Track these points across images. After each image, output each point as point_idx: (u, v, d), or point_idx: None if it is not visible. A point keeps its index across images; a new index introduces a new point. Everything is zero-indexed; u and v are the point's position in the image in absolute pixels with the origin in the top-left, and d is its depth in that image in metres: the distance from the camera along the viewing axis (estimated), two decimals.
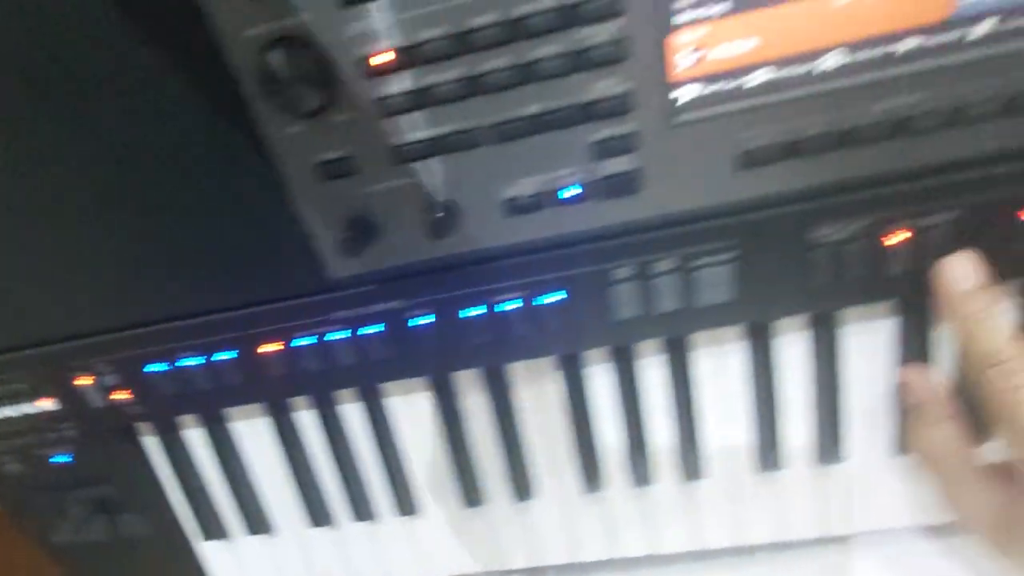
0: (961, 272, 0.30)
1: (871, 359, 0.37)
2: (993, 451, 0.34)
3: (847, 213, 0.31)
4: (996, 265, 0.31)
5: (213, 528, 0.47)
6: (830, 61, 0.28)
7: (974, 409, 0.35)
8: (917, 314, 0.35)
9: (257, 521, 0.46)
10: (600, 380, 0.39)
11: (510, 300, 0.34)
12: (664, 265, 0.33)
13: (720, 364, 0.38)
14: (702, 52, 0.28)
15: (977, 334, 0.29)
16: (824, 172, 0.30)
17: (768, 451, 0.40)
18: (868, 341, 0.36)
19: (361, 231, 0.32)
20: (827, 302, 0.34)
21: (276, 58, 0.28)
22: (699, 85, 0.29)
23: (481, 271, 0.34)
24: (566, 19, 0.27)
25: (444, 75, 0.28)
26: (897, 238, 0.31)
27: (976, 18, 0.27)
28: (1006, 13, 0.26)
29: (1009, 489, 0.31)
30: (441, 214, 0.31)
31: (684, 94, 0.29)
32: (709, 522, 0.42)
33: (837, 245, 0.31)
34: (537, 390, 0.40)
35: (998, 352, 0.28)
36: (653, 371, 0.39)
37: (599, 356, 0.39)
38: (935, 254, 0.31)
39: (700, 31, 0.27)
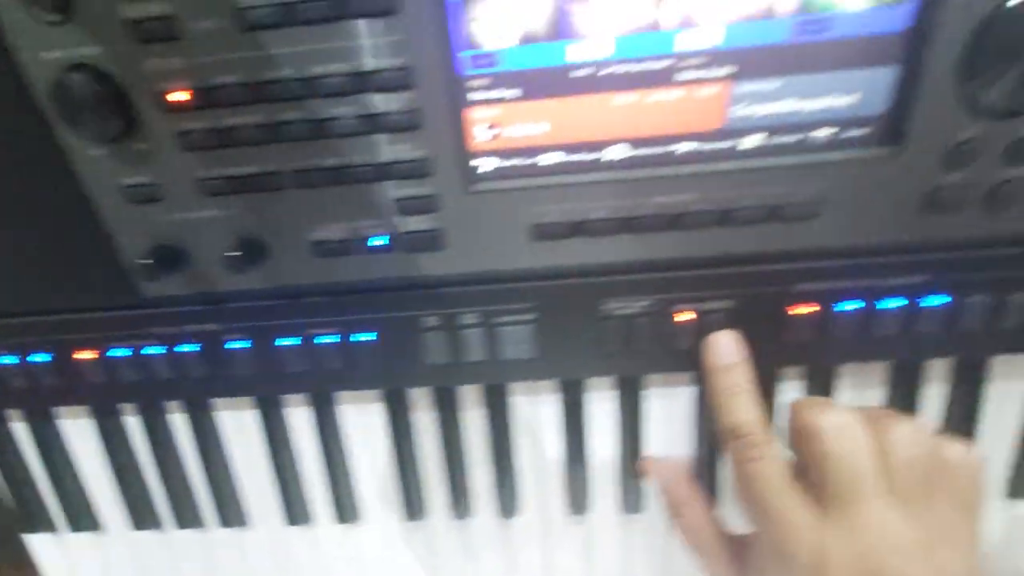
0: (723, 348, 0.33)
1: (670, 422, 0.39)
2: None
3: (634, 291, 0.33)
4: (769, 352, 0.34)
5: (38, 521, 0.46)
6: (614, 153, 0.30)
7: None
8: None
9: (82, 518, 0.46)
10: (422, 417, 0.41)
11: (326, 335, 0.35)
12: (469, 319, 0.34)
13: (535, 413, 0.40)
14: (497, 130, 0.30)
15: (728, 407, 0.31)
16: (611, 252, 0.32)
17: (578, 496, 0.42)
18: (668, 406, 0.39)
19: (166, 256, 0.32)
20: (623, 368, 0.36)
21: (74, 82, 0.27)
22: (496, 159, 0.30)
23: (297, 305, 0.35)
24: (358, 84, 0.28)
25: (241, 119, 0.29)
26: (684, 317, 0.33)
27: (746, 131, 0.29)
28: (772, 130, 0.29)
29: (748, 555, 0.33)
30: (241, 252, 0.31)
31: (482, 165, 0.30)
32: (521, 557, 0.44)
33: (627, 318, 0.34)
34: (365, 420, 0.41)
35: (742, 426, 0.30)
36: (472, 412, 0.40)
37: (422, 395, 0.40)
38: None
39: (494, 111, 0.29)
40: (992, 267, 0.31)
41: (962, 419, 0.38)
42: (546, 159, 0.30)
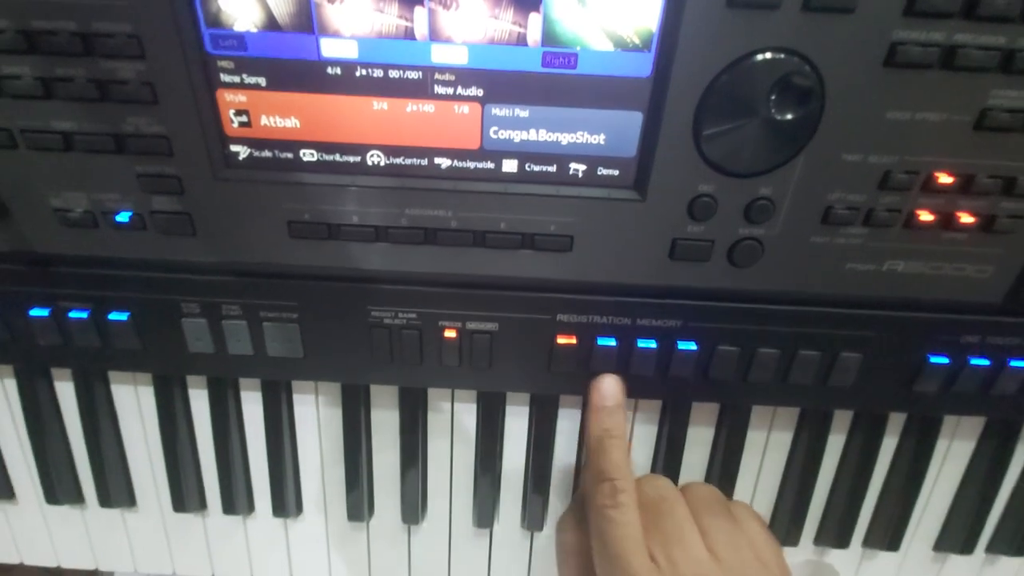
0: (605, 390, 0.33)
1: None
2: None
3: (401, 302, 0.32)
4: (542, 381, 0.34)
5: None
6: (372, 159, 0.29)
7: None
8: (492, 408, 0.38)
9: None
10: (198, 406, 0.39)
11: (78, 310, 0.33)
12: (231, 311, 0.33)
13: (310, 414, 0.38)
14: (246, 117, 0.28)
15: (600, 449, 0.31)
16: (374, 260, 0.31)
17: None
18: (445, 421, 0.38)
19: None
20: (398, 378, 0.35)
21: None
22: (250, 148, 0.29)
23: (48, 274, 0.32)
24: (86, 46, 0.26)
25: None
26: (451, 334, 0.33)
27: (502, 155, 0.28)
28: (527, 158, 0.28)
29: None
30: None
31: (237, 152, 0.29)
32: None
33: (394, 329, 0.33)
34: (136, 403, 0.39)
35: (610, 471, 0.30)
36: (252, 407, 0.38)
37: (198, 383, 0.38)
38: (483, 354, 0.33)
39: (242, 97, 0.27)
40: (738, 320, 0.32)
41: (723, 463, 0.39)
42: (300, 156, 0.29)
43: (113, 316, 0.33)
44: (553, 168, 0.28)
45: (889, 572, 0.42)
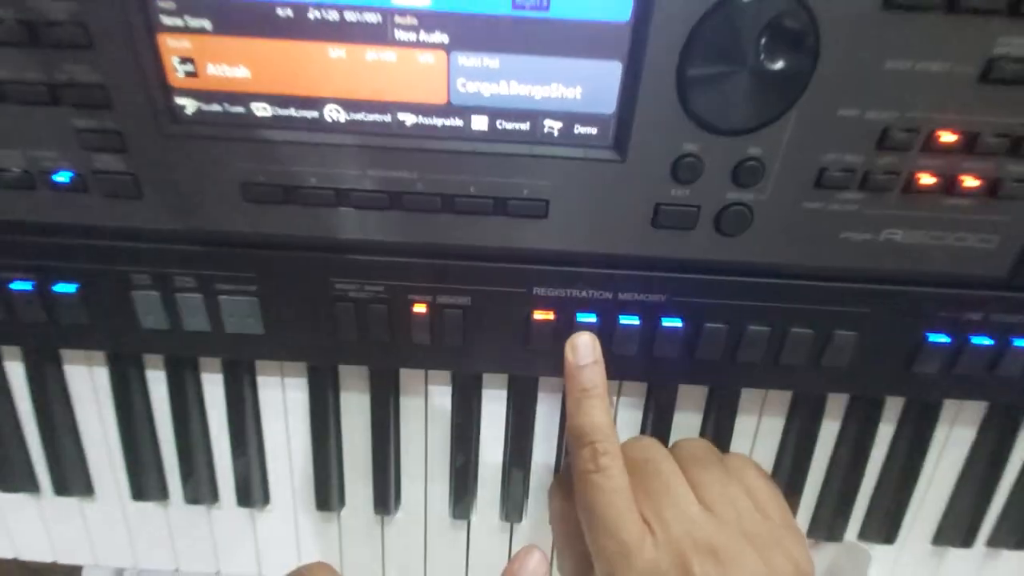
0: (581, 349, 0.30)
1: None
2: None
3: (366, 274, 0.30)
4: (518, 360, 0.32)
5: None
6: (331, 114, 0.27)
7: None
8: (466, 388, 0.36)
9: None
10: (156, 387, 0.36)
11: (21, 281, 0.31)
12: (184, 282, 0.30)
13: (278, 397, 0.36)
14: (192, 66, 0.26)
15: (580, 408, 0.29)
16: (336, 227, 0.29)
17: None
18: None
19: None
20: (365, 358, 0.33)
21: None
22: (198, 100, 0.27)
23: None
24: None
25: None
26: (420, 309, 0.31)
27: (471, 111, 0.26)
28: (498, 114, 0.26)
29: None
30: None
31: (183, 106, 0.27)
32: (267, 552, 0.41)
33: (360, 303, 0.30)
34: (91, 384, 0.36)
35: (592, 431, 0.28)
36: (212, 388, 0.36)
37: (156, 363, 0.36)
38: (456, 331, 0.31)
39: (185, 42, 0.25)
40: (726, 294, 0.30)
41: (718, 442, 0.36)
42: (253, 110, 0.26)
43: (59, 288, 0.31)
44: (526, 126, 0.26)
45: (886, 566, 0.40)
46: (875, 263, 0.29)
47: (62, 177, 0.28)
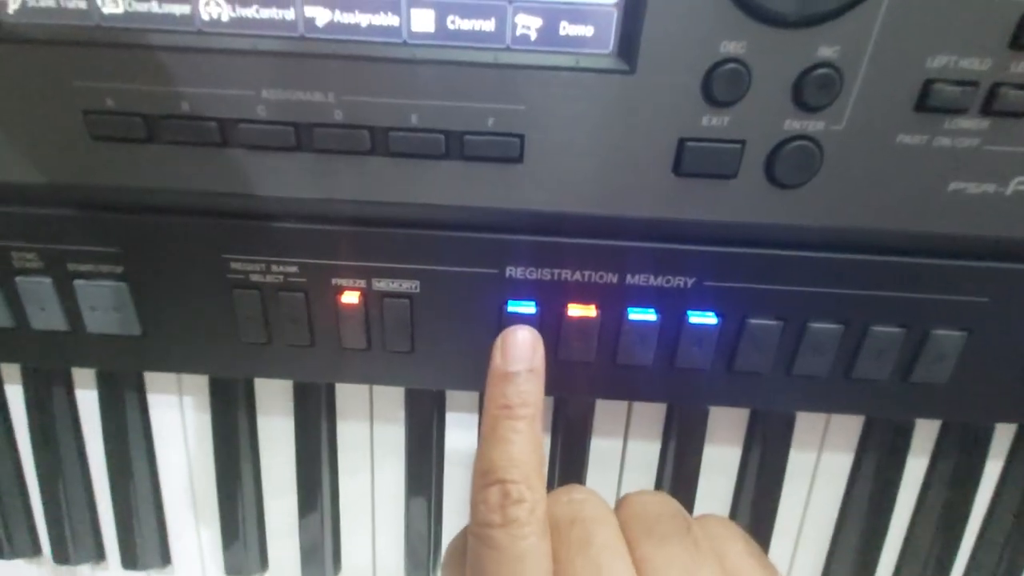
0: (513, 347, 0.21)
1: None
2: None
3: (271, 249, 0.21)
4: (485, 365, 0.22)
5: None
6: (204, 6, 0.18)
7: None
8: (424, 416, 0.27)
9: None
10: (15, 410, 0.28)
11: None
12: (26, 260, 0.22)
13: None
14: None
15: (496, 433, 0.20)
16: (221, 179, 0.20)
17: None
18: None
19: None
20: (262, 367, 0.24)
21: None
22: None
23: None
24: None
25: None
26: (349, 298, 0.22)
27: (411, 3, 0.18)
28: (444, 8, 0.18)
29: None
30: None
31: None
32: None
33: (263, 289, 0.22)
34: None
35: (507, 467, 0.19)
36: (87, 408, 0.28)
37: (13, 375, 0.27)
38: (401, 329, 0.22)
39: None
40: (780, 277, 0.21)
41: (757, 493, 0.28)
42: (106, 3, 0.19)
43: None
44: (490, 24, 0.18)
45: None
46: (999, 228, 0.20)
47: None
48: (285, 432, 0.28)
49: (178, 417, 0.28)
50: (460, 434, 0.27)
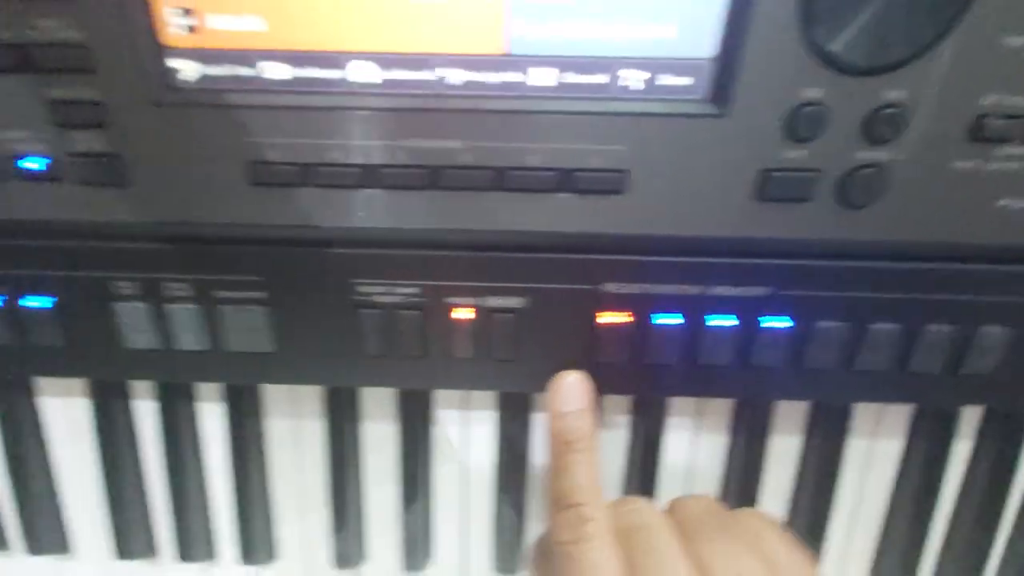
0: (564, 391, 0.26)
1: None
2: None
3: (396, 273, 0.25)
4: (592, 369, 0.26)
5: None
6: (360, 73, 0.22)
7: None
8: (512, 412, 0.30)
9: None
10: (145, 422, 0.31)
11: None
12: (178, 290, 0.25)
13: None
14: (195, 19, 0.21)
15: (562, 468, 0.24)
16: (355, 215, 0.23)
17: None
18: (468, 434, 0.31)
19: None
20: (393, 378, 0.27)
21: None
22: (198, 61, 0.21)
23: None
24: None
25: None
26: (462, 315, 0.25)
27: (531, 63, 0.21)
28: (565, 65, 0.21)
29: None
30: None
31: (181, 68, 0.22)
32: None
33: (388, 309, 0.25)
34: (69, 418, 0.31)
35: (574, 492, 0.24)
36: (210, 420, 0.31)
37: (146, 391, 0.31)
38: (506, 343, 0.26)
39: None
40: (847, 284, 0.24)
41: (817, 479, 0.31)
42: (264, 70, 0.22)
43: (31, 302, 0.26)
44: (601, 78, 0.21)
45: None
46: None
47: (34, 163, 0.22)
48: (388, 434, 0.31)
49: (291, 423, 0.31)
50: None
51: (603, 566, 0.22)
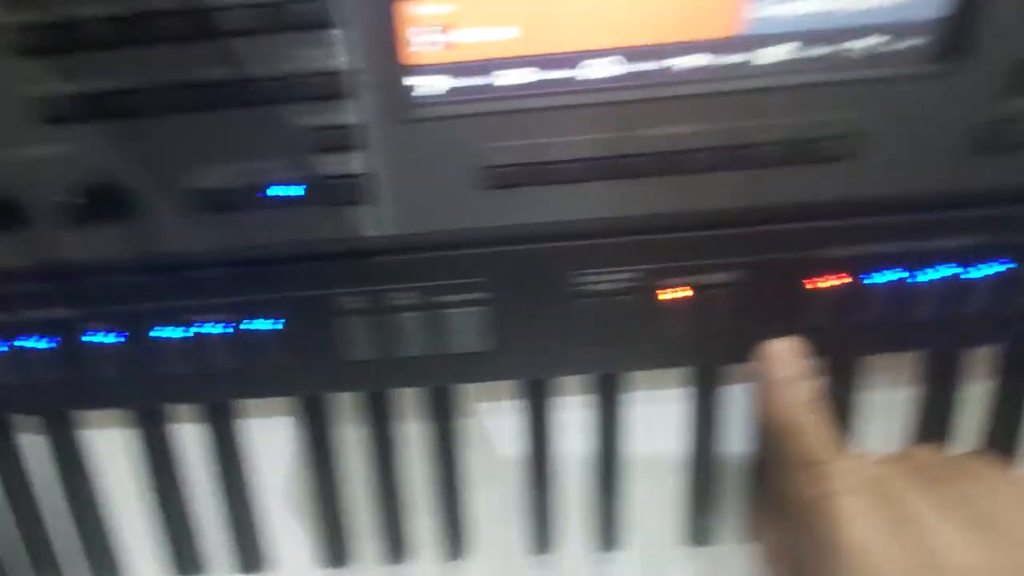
0: (784, 358, 0.27)
1: (657, 434, 0.32)
2: None
3: (614, 260, 0.26)
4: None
5: None
6: (593, 69, 0.23)
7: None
8: (707, 386, 0.31)
9: None
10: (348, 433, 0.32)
11: (213, 323, 0.27)
12: (406, 299, 0.26)
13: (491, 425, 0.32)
14: (448, 35, 0.22)
15: (795, 429, 0.25)
16: (583, 206, 0.25)
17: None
18: (655, 413, 0.31)
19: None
20: (601, 364, 0.29)
21: None
22: (443, 76, 0.23)
23: (176, 281, 0.26)
24: None
25: (81, 10, 0.21)
26: (674, 295, 0.26)
27: (767, 41, 0.22)
28: (803, 39, 0.22)
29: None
30: (90, 203, 0.23)
31: (426, 84, 0.23)
32: None
33: (605, 296, 0.26)
34: (271, 438, 0.32)
35: (813, 452, 0.25)
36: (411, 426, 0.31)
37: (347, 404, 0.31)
38: (719, 318, 0.27)
39: (446, 7, 0.21)
40: None
41: (1008, 426, 0.31)
42: (505, 77, 0.23)
43: (259, 325, 0.27)
44: (836, 48, 0.22)
45: None
46: None
47: (283, 190, 0.24)
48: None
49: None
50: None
51: (860, 516, 0.23)
